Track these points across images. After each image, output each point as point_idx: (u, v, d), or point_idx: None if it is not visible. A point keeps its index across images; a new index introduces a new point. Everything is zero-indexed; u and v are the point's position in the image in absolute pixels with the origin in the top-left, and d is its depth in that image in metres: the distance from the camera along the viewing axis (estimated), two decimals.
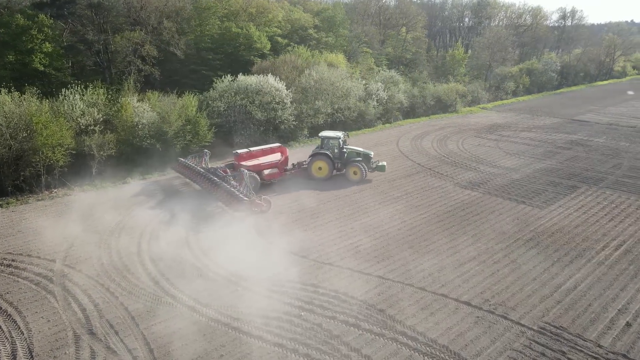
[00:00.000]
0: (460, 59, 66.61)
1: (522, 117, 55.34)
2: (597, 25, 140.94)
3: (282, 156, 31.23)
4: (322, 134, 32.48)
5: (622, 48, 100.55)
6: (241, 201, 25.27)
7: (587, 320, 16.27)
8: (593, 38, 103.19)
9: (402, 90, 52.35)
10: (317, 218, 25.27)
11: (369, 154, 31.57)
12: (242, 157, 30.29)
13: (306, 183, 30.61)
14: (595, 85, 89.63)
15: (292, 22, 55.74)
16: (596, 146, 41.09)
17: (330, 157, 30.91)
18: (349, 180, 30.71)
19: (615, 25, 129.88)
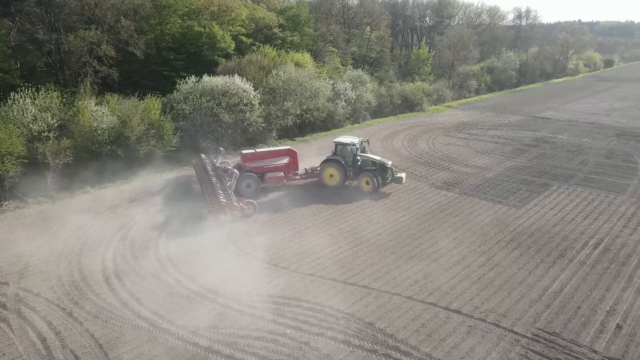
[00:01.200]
0: (425, 58, 66.92)
1: (487, 115, 56.09)
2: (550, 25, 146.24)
3: (290, 160, 29.66)
4: (336, 139, 30.50)
5: (575, 47, 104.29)
6: (219, 204, 24.20)
7: (578, 324, 16.00)
8: (548, 37, 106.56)
9: (370, 89, 51.90)
10: (294, 224, 24.22)
11: (385, 164, 28.78)
12: (246, 158, 29.30)
13: (284, 187, 29.50)
14: (551, 83, 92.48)
15: (256, 21, 54.24)
16: (561, 143, 41.91)
17: (342, 164, 28.97)
18: (362, 190, 28.49)
19: (568, 25, 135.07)
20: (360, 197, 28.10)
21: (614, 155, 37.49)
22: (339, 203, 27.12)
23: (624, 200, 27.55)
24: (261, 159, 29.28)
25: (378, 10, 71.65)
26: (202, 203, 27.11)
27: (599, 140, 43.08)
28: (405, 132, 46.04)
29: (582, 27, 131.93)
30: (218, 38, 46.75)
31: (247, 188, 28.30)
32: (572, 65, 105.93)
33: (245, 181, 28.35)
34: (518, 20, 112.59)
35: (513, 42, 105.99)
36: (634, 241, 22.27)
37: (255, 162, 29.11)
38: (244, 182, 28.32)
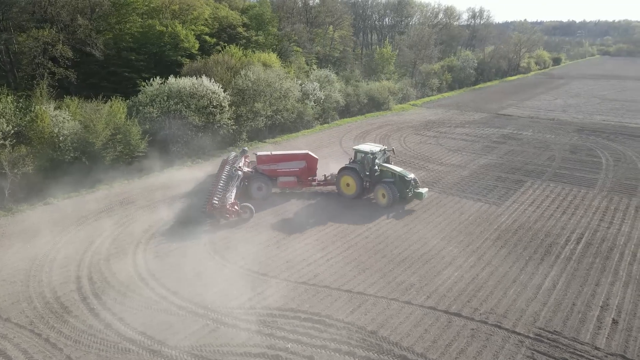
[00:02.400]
0: (389, 57, 67.33)
1: (452, 113, 57.02)
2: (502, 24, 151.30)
3: (306, 165, 28.47)
4: (355, 147, 28.60)
5: (527, 45, 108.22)
6: (212, 205, 23.73)
7: (576, 321, 16.13)
8: (502, 36, 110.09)
9: (338, 89, 51.58)
10: (277, 231, 23.42)
11: (405, 176, 26.30)
12: (261, 160, 28.55)
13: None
14: (506, 81, 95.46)
15: (219, 20, 52.79)
16: (527, 139, 43.07)
17: (358, 174, 27.03)
18: (378, 204, 26.40)
19: (520, 25, 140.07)
20: (341, 201, 27.60)
21: (578, 151, 38.83)
22: (320, 209, 26.49)
23: (595, 195, 28.43)
24: (275, 162, 28.37)
25: (340, 9, 71.52)
26: (178, 211, 25.93)
27: (562, 136, 44.57)
28: (376, 132, 45.99)
29: (532, 27, 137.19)
30: (181, 38, 45.18)
31: (258, 190, 27.50)
32: (525, 63, 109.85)
33: (256, 184, 27.54)
34: (472, 19, 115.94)
35: (469, 41, 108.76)
36: (613, 235, 22.92)
37: (269, 164, 28.27)
38: (255, 185, 27.52)
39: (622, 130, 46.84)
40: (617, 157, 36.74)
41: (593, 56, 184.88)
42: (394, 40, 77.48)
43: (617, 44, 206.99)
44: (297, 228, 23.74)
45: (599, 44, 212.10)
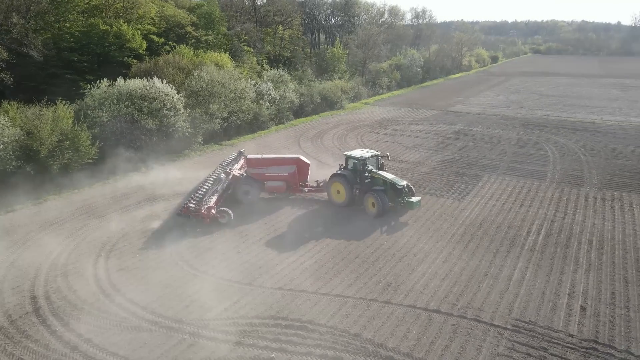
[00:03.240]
0: (340, 56, 67.71)
1: (404, 111, 58.18)
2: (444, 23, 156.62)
3: (296, 170, 27.26)
4: (346, 152, 27.41)
5: (468, 45, 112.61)
6: (187, 208, 23.31)
7: (548, 310, 16.73)
8: (445, 36, 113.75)
9: (292, 89, 51.20)
10: (247, 237, 22.78)
11: (396, 184, 24.87)
12: (250, 163, 27.49)
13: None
14: (450, 78, 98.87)
15: (166, 19, 50.88)
16: (478, 135, 44.63)
17: (348, 181, 25.74)
18: (368, 214, 24.91)
19: (461, 24, 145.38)
20: (306, 203, 27.33)
21: (526, 145, 40.68)
22: (284, 212, 26.05)
23: (548, 186, 29.83)
24: (265, 166, 27.35)
25: (289, 8, 71.07)
26: (137, 220, 24.68)
27: (509, 130, 46.56)
28: (332, 131, 46.05)
29: (473, 26, 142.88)
30: (127, 37, 43.16)
31: (245, 195, 26.69)
32: (466, 61, 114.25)
33: (244, 187, 26.71)
34: (416, 19, 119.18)
35: (415, 41, 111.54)
36: (568, 224, 24.09)
37: (258, 168, 27.31)
38: (243, 188, 26.70)
39: (562, 124, 49.59)
40: (562, 150, 38.82)
41: (526, 54, 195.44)
42: (343, 40, 77.90)
43: (547, 43, 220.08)
44: (266, 233, 23.23)
45: (530, 42, 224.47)
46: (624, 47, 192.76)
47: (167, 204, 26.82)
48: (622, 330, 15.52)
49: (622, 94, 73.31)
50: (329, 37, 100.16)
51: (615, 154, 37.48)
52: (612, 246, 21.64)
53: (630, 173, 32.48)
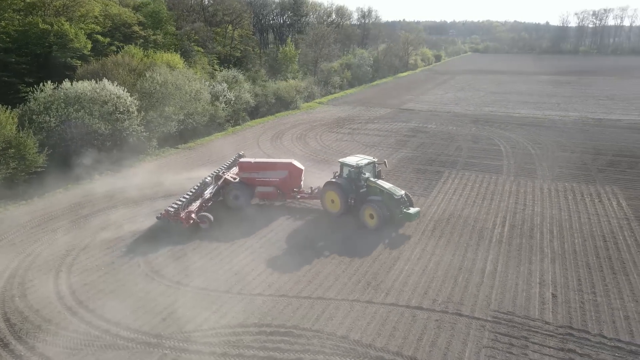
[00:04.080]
0: (292, 56, 67.38)
1: (359, 110, 58.76)
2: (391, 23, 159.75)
3: (288, 176, 26.00)
4: (341, 159, 25.76)
5: (413, 44, 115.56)
6: (167, 212, 22.61)
7: (523, 299, 17.36)
8: (391, 35, 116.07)
9: (248, 89, 50.37)
10: (218, 242, 22.08)
11: (393, 194, 23.38)
12: (242, 167, 26.29)
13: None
14: (399, 77, 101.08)
15: (111, 18, 48.48)
16: (433, 132, 45.81)
17: (343, 190, 24.31)
18: (366, 226, 23.32)
19: (406, 24, 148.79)
20: (268, 204, 26.88)
21: (479, 140, 42.21)
22: (247, 215, 25.45)
23: (505, 180, 31.05)
24: (256, 170, 26.28)
25: (239, 7, 69.88)
26: (96, 230, 23.33)
27: (461, 127, 48.13)
28: (290, 131, 45.72)
29: (417, 26, 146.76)
30: (70, 37, 40.73)
31: (234, 199, 25.80)
32: (413, 60, 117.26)
33: (234, 192, 25.77)
34: (363, 19, 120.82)
35: (363, 40, 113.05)
36: (529, 215, 25.17)
37: (250, 172, 26.24)
38: (232, 193, 25.76)
39: (509, 119, 51.90)
40: (513, 144, 40.60)
41: (466, 53, 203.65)
42: (295, 40, 77.60)
43: (484, 42, 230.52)
44: (238, 237, 22.61)
45: (469, 42, 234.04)
46: (554, 45, 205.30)
47: (127, 212, 25.53)
48: (593, 315, 16.35)
49: (558, 90, 77.77)
50: (278, 37, 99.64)
51: (561, 147, 39.65)
52: (572, 235, 22.81)
53: (577, 164, 34.46)
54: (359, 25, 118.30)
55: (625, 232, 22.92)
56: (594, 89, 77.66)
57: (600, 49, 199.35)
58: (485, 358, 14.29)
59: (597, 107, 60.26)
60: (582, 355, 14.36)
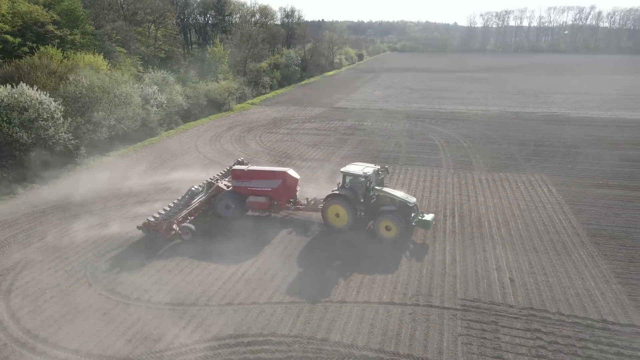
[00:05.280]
0: (222, 56, 65.68)
1: (293, 109, 58.66)
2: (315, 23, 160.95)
3: (282, 185, 24.31)
4: (344, 169, 23.67)
5: (337, 43, 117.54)
6: (147, 222, 21.54)
7: (485, 286, 18.24)
8: (317, 35, 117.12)
9: (180, 92, 48.34)
10: (176, 254, 20.93)
11: (407, 202, 22.32)
12: (235, 175, 24.58)
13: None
14: (326, 76, 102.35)
15: (21, 16, 44.19)
16: (370, 129, 46.83)
17: (350, 202, 22.67)
18: (379, 238, 21.92)
19: (330, 24, 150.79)
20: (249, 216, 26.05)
21: (415, 136, 43.82)
22: (218, 222, 24.60)
23: (446, 173, 32.48)
24: (249, 179, 24.64)
25: (161, 6, 66.81)
26: (32, 249, 21.21)
27: (395, 123, 49.67)
28: (228, 133, 44.56)
29: (341, 26, 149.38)
30: None
31: (225, 209, 24.36)
32: (338, 59, 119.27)
33: (225, 201, 24.28)
34: (286, 19, 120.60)
35: (289, 40, 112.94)
36: (474, 205, 26.52)
37: (242, 181, 24.64)
38: (223, 202, 24.26)
39: (439, 115, 54.41)
40: (446, 138, 42.61)
41: (385, 52, 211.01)
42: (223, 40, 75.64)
43: (401, 42, 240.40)
44: (196, 247, 21.57)
45: (387, 41, 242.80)
46: (464, 45, 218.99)
47: (62, 228, 23.46)
48: (549, 295, 17.56)
49: (476, 86, 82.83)
50: (202, 37, 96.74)
51: (488, 139, 42.26)
52: (515, 221, 24.36)
53: (506, 155, 36.92)
54: (283, 25, 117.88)
55: (560, 216, 24.90)
56: (506, 85, 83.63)
57: (504, 47, 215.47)
58: (462, 346, 14.82)
59: (512, 101, 64.93)
60: (547, 333, 15.37)
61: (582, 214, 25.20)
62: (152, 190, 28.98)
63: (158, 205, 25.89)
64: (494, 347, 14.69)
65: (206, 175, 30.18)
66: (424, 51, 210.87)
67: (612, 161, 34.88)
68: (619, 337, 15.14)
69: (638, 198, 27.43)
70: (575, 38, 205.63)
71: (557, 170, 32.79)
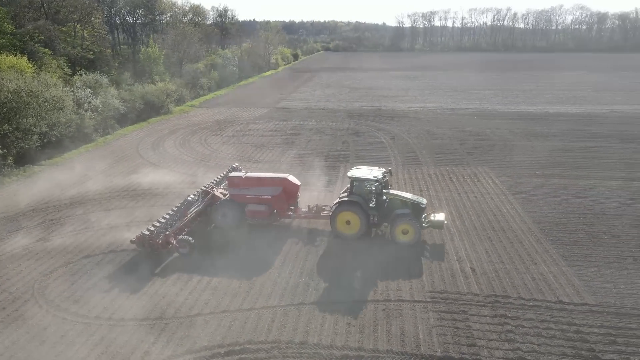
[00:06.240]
0: (157, 57, 63.08)
1: (235, 111, 57.59)
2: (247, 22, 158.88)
3: (282, 192, 23.26)
4: (352, 174, 22.79)
5: (273, 43, 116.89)
6: (142, 235, 20.11)
7: (449, 277, 18.85)
8: (252, 35, 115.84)
9: (115, 94, 45.85)
10: (129, 265, 19.79)
11: (419, 204, 22.21)
12: (232, 182, 23.35)
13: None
14: (264, 76, 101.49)
15: None
16: (316, 129, 46.98)
17: (362, 208, 21.94)
18: (395, 242, 21.52)
19: (265, 24, 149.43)
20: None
21: (361, 134, 44.51)
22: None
23: (396, 169, 33.17)
24: (247, 186, 23.35)
25: (87, 4, 62.94)
26: None
27: (339, 122, 50.19)
28: (171, 137, 42.93)
29: (276, 26, 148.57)
30: None
31: (222, 218, 23.01)
32: (274, 59, 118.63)
33: (222, 209, 22.92)
34: (219, 18, 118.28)
35: (223, 40, 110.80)
36: (428, 199, 26.85)
37: (240, 188, 23.34)
38: (220, 211, 22.89)
39: (380, 113, 55.69)
40: (391, 135, 43.69)
41: (319, 52, 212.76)
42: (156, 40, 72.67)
43: (334, 41, 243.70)
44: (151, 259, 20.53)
45: (320, 41, 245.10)
46: (394, 44, 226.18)
47: None
48: (508, 281, 18.49)
49: (411, 84, 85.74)
50: (130, 37, 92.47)
51: (431, 135, 43.87)
52: (467, 213, 25.46)
53: (450, 150, 38.52)
54: (216, 25, 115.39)
55: (507, 206, 26.35)
56: (438, 82, 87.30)
57: (431, 47, 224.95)
58: (437, 337, 15.23)
59: (446, 98, 67.89)
60: (513, 317, 16.18)
61: (526, 202, 26.82)
62: (95, 199, 27.28)
63: (102, 216, 24.50)
64: (466, 336, 15.23)
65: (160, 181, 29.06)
66: (356, 50, 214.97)
67: (544, 152, 37.45)
68: (576, 315, 16.24)
69: (571, 185, 29.63)
70: (495, 38, 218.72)
71: (497, 163, 34.68)
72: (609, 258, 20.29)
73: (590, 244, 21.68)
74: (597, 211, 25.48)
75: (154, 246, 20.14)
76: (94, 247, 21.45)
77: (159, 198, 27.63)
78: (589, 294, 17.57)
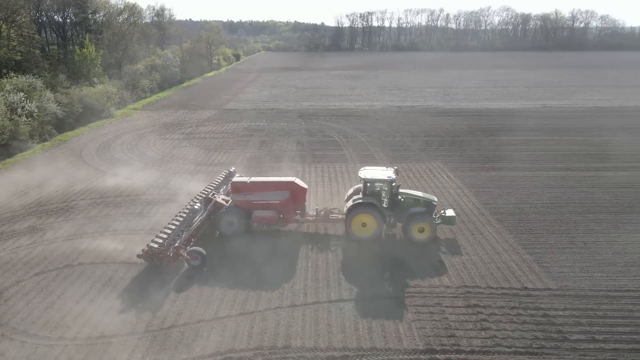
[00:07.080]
0: (94, 58, 59.76)
1: (182, 113, 55.83)
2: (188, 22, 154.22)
3: (290, 197, 22.57)
4: (364, 175, 22.23)
5: (215, 44, 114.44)
6: (150, 248, 18.67)
7: (421, 271, 19.29)
8: (194, 35, 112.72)
9: (51, 98, 42.95)
10: (100, 279, 18.62)
11: (432, 201, 22.38)
12: (236, 188, 23.03)
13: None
14: (207, 77, 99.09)
15: None
16: (268, 130, 46.46)
17: (379, 209, 21.57)
18: (412, 241, 21.42)
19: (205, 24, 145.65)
20: (144, 221, 23.88)
21: (314, 134, 44.53)
22: (133, 238, 22.34)
23: (354, 168, 33.21)
24: (252, 192, 22.28)
25: (12, 2, 58.35)
26: None
27: (291, 123, 49.95)
28: (117, 142, 40.89)
29: (217, 25, 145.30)
30: None
31: (228, 226, 21.80)
32: (216, 60, 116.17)
33: (227, 217, 21.65)
34: (156, 17, 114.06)
35: (162, 40, 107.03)
36: None
37: (245, 194, 22.26)
38: (226, 219, 21.62)
39: (329, 112, 56.01)
40: (344, 134, 44.07)
41: (260, 52, 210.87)
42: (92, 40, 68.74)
43: (274, 41, 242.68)
44: (122, 270, 19.45)
45: (260, 41, 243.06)
46: (334, 44, 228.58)
47: None
48: (476, 272, 19.20)
49: (355, 83, 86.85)
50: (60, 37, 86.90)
51: (383, 133, 44.70)
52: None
53: (403, 147, 39.45)
54: (153, 24, 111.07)
55: (464, 199, 27.37)
56: (381, 81, 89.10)
57: (370, 46, 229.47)
58: (417, 330, 15.53)
59: (391, 96, 69.46)
60: (485, 306, 16.81)
61: (481, 195, 27.99)
62: (36, 212, 25.45)
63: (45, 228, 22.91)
64: (445, 327, 15.65)
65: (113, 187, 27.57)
66: (297, 50, 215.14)
67: (490, 146, 39.29)
68: (542, 300, 17.15)
69: (519, 177, 31.25)
70: (430, 38, 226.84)
71: (449, 158, 35.94)
72: (562, 244, 21.62)
73: (544, 232, 22.98)
74: (545, 201, 27.05)
75: (163, 260, 18.90)
76: (46, 262, 19.97)
77: (112, 207, 26.19)
78: (550, 279, 18.60)
